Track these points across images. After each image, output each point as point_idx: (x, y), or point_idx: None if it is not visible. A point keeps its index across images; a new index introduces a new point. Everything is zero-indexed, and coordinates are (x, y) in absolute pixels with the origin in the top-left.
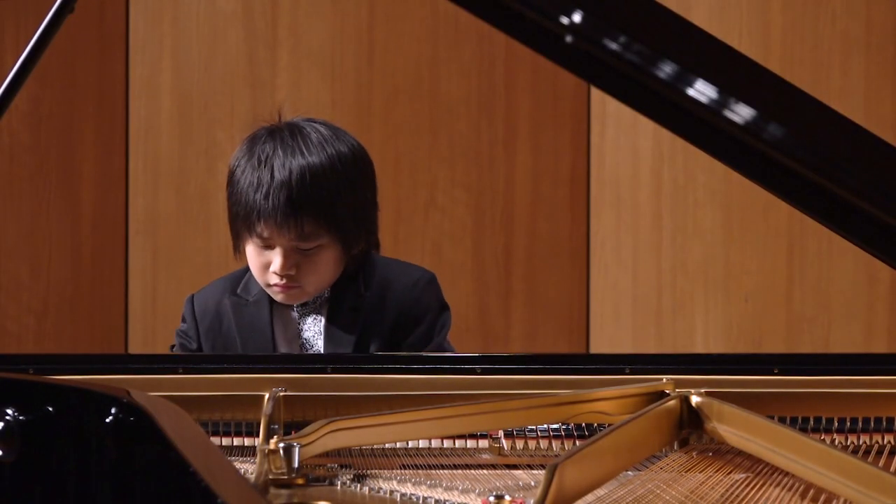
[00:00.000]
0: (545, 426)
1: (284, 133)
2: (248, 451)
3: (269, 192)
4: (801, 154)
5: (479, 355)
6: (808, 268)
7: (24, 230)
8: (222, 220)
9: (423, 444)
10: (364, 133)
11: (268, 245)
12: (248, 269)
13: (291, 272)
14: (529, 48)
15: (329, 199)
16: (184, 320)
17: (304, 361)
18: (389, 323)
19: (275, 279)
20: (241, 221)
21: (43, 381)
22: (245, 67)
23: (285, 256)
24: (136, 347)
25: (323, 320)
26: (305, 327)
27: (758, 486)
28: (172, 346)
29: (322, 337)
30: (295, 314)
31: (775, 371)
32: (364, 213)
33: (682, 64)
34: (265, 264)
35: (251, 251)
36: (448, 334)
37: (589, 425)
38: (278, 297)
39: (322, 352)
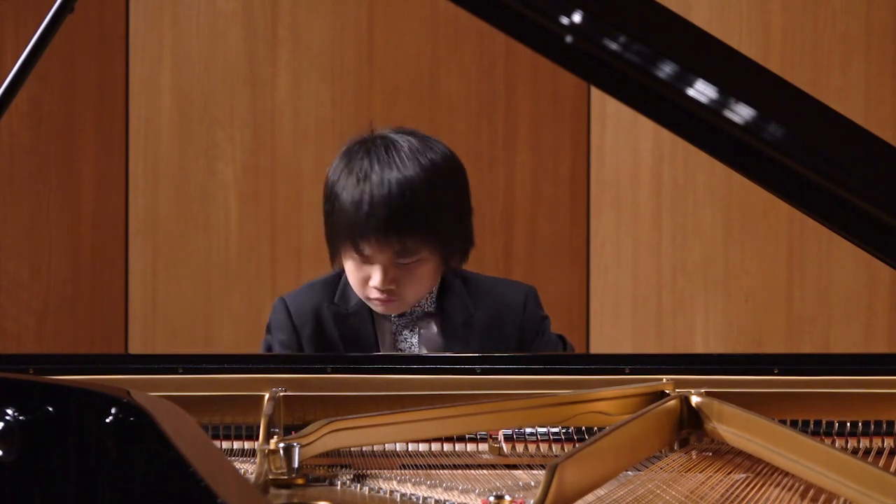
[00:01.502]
0: (545, 429)
1: (379, 147)
2: (248, 454)
3: (371, 211)
4: (801, 154)
5: (479, 355)
6: (808, 268)
7: (24, 230)
8: (222, 220)
9: (423, 444)
10: (364, 133)
11: (367, 260)
12: (338, 276)
13: (392, 286)
14: (529, 48)
15: (428, 213)
16: (280, 330)
17: (304, 361)
18: (513, 338)
19: (375, 293)
20: (343, 237)
21: (43, 381)
22: (245, 67)
23: (385, 272)
24: (136, 347)
25: (423, 332)
26: (401, 339)
27: (758, 486)
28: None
29: (421, 348)
30: (392, 326)
31: (775, 371)
32: (460, 221)
33: (682, 64)
34: (365, 278)
35: (351, 266)
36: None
37: (588, 428)
38: (378, 309)
39: None
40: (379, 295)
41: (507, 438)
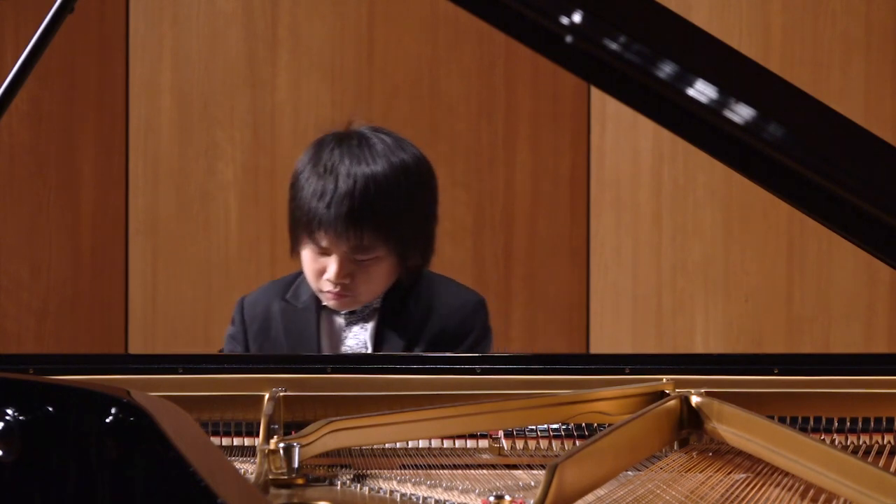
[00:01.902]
0: (545, 426)
1: (352, 141)
2: (248, 451)
3: (332, 202)
4: (801, 154)
5: (479, 355)
6: (808, 268)
7: (24, 230)
8: (222, 221)
9: (423, 444)
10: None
11: (324, 252)
12: (299, 275)
13: (346, 281)
14: (529, 48)
15: (389, 211)
16: (233, 323)
17: (304, 361)
18: (431, 338)
19: (328, 286)
20: (302, 227)
21: (43, 381)
22: (245, 67)
23: (340, 265)
24: (136, 347)
25: (369, 329)
26: (351, 335)
27: (758, 486)
28: (221, 351)
29: (367, 347)
30: (342, 322)
31: (775, 371)
32: (422, 226)
33: (682, 64)
34: (320, 270)
35: (307, 256)
36: None
37: (589, 425)
38: (330, 303)
39: None
40: (332, 288)
41: (507, 435)
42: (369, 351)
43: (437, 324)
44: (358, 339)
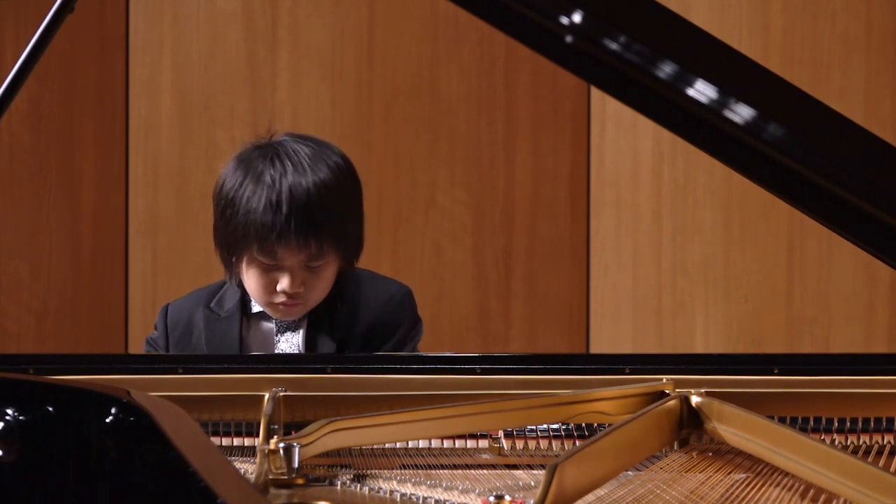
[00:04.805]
0: (545, 426)
1: (281, 153)
2: (248, 451)
3: (290, 214)
4: (801, 154)
5: (479, 355)
6: (808, 268)
7: (24, 230)
8: None
9: (423, 444)
10: (364, 133)
11: (274, 266)
12: (223, 284)
13: (300, 289)
14: (529, 48)
15: (340, 216)
16: (155, 328)
17: (305, 361)
18: (361, 335)
19: (281, 298)
20: (250, 243)
21: (43, 381)
22: (245, 67)
23: (293, 275)
24: (136, 348)
25: (301, 332)
26: (283, 340)
27: (758, 486)
28: None
29: (300, 350)
30: (272, 327)
31: (775, 371)
32: (360, 225)
33: (682, 64)
34: (270, 284)
35: (254, 273)
36: (418, 346)
37: (589, 425)
38: (278, 314)
39: None
40: (285, 300)
41: (507, 435)
42: None
43: (366, 320)
44: (290, 342)
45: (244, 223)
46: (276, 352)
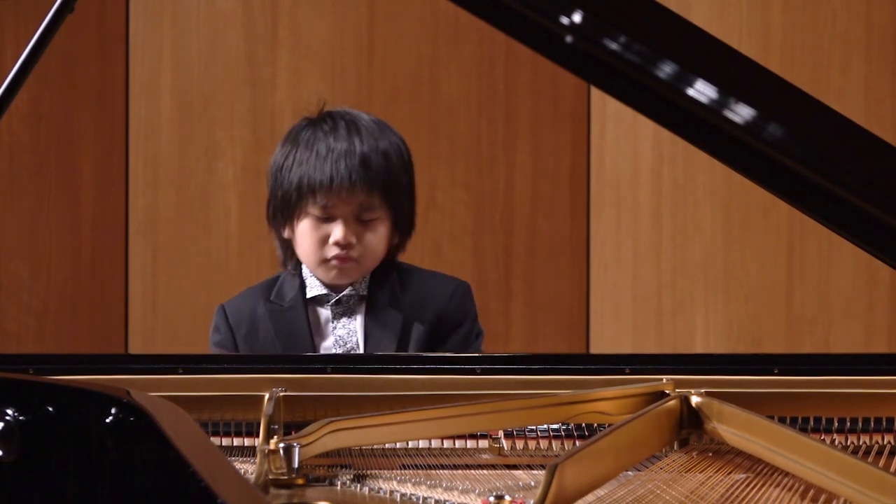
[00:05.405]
0: (545, 426)
1: (334, 115)
2: (248, 451)
3: (341, 158)
4: (801, 154)
5: (479, 355)
6: (808, 268)
7: (24, 230)
8: (222, 221)
9: (423, 444)
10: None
11: (328, 216)
12: (277, 277)
13: (353, 240)
14: (529, 48)
15: (393, 172)
16: (217, 331)
17: (304, 361)
18: (429, 325)
19: (334, 251)
20: (303, 195)
21: (43, 381)
22: (245, 67)
23: (347, 225)
24: (136, 347)
25: (359, 318)
26: (339, 326)
27: (758, 486)
28: None
29: (358, 333)
30: (327, 314)
31: (775, 371)
32: (412, 200)
33: (682, 64)
34: (323, 237)
35: (307, 228)
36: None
37: (589, 425)
38: (331, 274)
39: (360, 349)
40: (339, 252)
41: (508, 435)
42: (360, 342)
43: (433, 311)
44: (347, 328)
45: (297, 175)
46: (334, 337)
